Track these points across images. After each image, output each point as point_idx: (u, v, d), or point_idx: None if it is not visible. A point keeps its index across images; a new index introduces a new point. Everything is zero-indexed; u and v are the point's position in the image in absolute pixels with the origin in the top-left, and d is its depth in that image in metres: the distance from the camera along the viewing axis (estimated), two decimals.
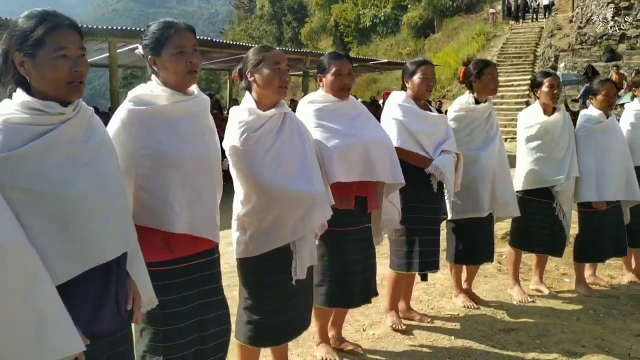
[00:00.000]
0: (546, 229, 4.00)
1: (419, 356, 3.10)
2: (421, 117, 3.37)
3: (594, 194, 3.98)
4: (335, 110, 2.89)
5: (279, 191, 2.35)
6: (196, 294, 2.10)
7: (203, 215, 2.05)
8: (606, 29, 17.53)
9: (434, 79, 3.44)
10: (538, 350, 3.18)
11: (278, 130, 2.44)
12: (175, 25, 2.02)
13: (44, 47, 1.53)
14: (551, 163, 3.92)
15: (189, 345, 2.08)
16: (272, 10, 42.43)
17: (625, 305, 3.90)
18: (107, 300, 1.65)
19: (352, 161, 2.79)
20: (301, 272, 2.45)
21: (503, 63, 20.60)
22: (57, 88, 1.56)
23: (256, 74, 2.44)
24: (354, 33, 34.15)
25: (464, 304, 3.85)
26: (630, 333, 3.42)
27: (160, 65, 2.02)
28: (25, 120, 1.52)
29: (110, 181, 1.66)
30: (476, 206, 3.60)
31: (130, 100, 2.00)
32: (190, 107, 2.07)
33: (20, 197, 1.46)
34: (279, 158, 2.39)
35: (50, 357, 1.38)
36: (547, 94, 3.91)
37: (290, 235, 2.41)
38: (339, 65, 2.88)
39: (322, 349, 3.07)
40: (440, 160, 3.29)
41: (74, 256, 1.53)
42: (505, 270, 4.65)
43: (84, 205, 1.55)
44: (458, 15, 29.38)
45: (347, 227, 2.87)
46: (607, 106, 4.06)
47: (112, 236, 1.63)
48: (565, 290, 4.24)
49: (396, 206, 3.10)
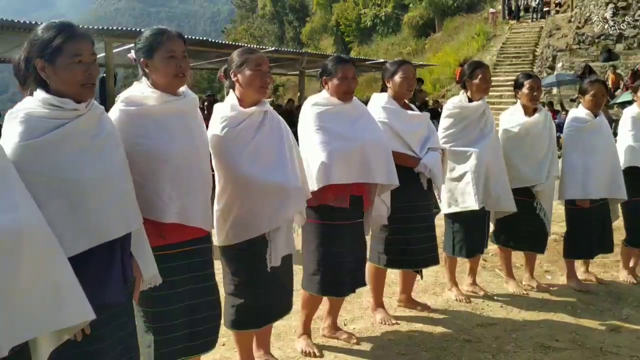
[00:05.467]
0: (528, 226, 4.10)
1: (396, 349, 3.20)
2: (405, 118, 3.49)
3: (579, 191, 4.08)
4: (338, 113, 3.04)
5: (255, 183, 2.51)
6: (187, 279, 2.28)
7: (193, 205, 2.23)
8: (604, 29, 17.57)
9: (414, 79, 3.57)
10: (513, 344, 3.28)
11: (258, 127, 2.60)
12: (168, 32, 2.24)
13: (62, 54, 1.80)
14: (531, 163, 4.03)
15: (179, 328, 2.26)
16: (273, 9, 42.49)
17: (603, 302, 3.99)
18: (113, 276, 1.89)
19: (350, 164, 2.95)
20: (275, 260, 2.60)
21: (502, 63, 20.63)
22: (73, 89, 1.82)
23: (239, 75, 2.61)
24: (355, 32, 34.18)
25: (456, 297, 3.97)
26: (605, 328, 3.51)
27: (152, 68, 2.21)
28: (44, 114, 1.78)
29: (117, 170, 1.92)
30: (470, 199, 3.75)
31: (122, 101, 2.19)
32: (178, 106, 2.25)
33: (40, 180, 1.71)
34: (257, 152, 2.55)
35: (67, 322, 1.59)
36: (527, 95, 4.03)
37: (266, 225, 2.56)
38: (345, 69, 3.04)
39: (302, 341, 3.18)
40: (428, 159, 3.43)
41: (83, 233, 1.77)
42: (489, 267, 4.76)
43: (94, 190, 1.80)
44: (459, 14, 29.36)
45: (341, 222, 3.03)
46: (595, 106, 4.15)
47: (117, 218, 1.87)
48: (547, 285, 4.33)
49: (387, 204, 3.26)
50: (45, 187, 1.71)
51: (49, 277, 1.55)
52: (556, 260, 4.90)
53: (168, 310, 2.23)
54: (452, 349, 3.20)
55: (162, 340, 2.23)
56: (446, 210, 3.90)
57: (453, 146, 3.81)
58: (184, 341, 2.28)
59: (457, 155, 3.81)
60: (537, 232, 4.13)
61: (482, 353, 3.16)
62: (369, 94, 14.56)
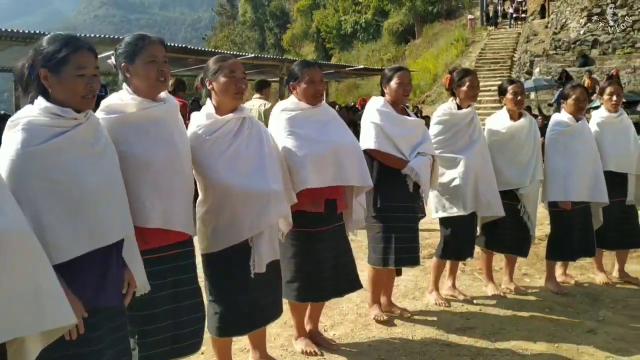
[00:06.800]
0: (512, 229, 4.15)
1: (376, 355, 3.19)
2: (398, 122, 3.57)
3: (560, 194, 4.14)
4: (308, 117, 3.04)
5: (234, 189, 2.52)
6: (170, 282, 2.31)
7: (176, 210, 2.27)
8: (579, 35, 17.89)
9: (410, 84, 3.65)
10: (492, 347, 3.30)
11: (235, 133, 2.61)
12: (149, 37, 2.27)
13: (67, 65, 1.87)
14: (516, 167, 4.09)
15: (163, 330, 2.28)
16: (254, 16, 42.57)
17: (580, 304, 4.04)
18: (110, 279, 1.95)
19: (325, 167, 2.95)
20: (259, 266, 2.59)
21: (481, 68, 20.84)
22: (74, 99, 1.89)
23: (214, 82, 2.62)
24: (336, 39, 34.35)
25: (436, 301, 4.00)
26: (582, 330, 3.55)
27: (133, 72, 2.24)
28: (45, 122, 1.84)
29: (114, 177, 2.00)
30: (459, 205, 3.81)
31: (102, 109, 2.22)
32: (158, 112, 2.27)
33: (42, 186, 1.78)
34: (235, 159, 2.55)
35: (47, 325, 1.64)
36: (512, 100, 4.10)
37: (248, 231, 2.56)
38: (311, 73, 3.04)
39: (301, 342, 3.21)
40: (415, 162, 3.48)
41: (83, 236, 1.84)
42: (468, 270, 4.79)
43: (94, 195, 1.87)
44: (438, 21, 29.68)
45: (318, 228, 3.04)
46: (577, 110, 4.22)
47: (115, 222, 1.94)
48: (525, 288, 4.38)
49: (363, 207, 3.30)
50: (47, 192, 1.78)
51: (30, 281, 1.59)
52: (534, 263, 4.96)
53: (152, 314, 2.25)
54: (432, 354, 3.21)
55: (147, 343, 2.25)
56: (435, 215, 3.96)
57: (442, 152, 3.86)
58: (168, 344, 2.31)
59: (447, 161, 3.86)
60: (520, 235, 4.18)
61: (461, 357, 3.17)
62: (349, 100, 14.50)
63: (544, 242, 4.92)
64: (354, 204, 3.23)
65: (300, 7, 37.78)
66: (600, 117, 4.46)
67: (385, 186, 3.36)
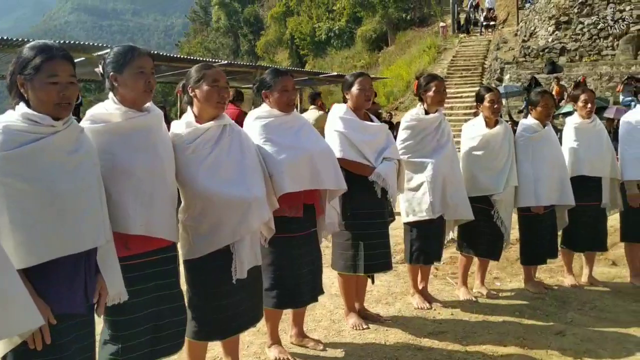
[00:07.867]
0: (487, 233, 4.22)
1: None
2: (361, 128, 3.60)
3: (532, 199, 4.23)
4: (281, 124, 3.07)
5: (215, 197, 2.54)
6: (152, 287, 2.34)
7: (159, 217, 2.31)
8: (547, 43, 18.28)
9: (371, 89, 3.69)
10: (464, 350, 3.33)
11: (216, 141, 2.64)
12: (139, 49, 2.35)
13: (39, 73, 1.90)
14: (491, 173, 4.16)
15: (144, 333, 2.32)
16: (228, 23, 42.47)
17: (549, 306, 4.11)
18: (77, 287, 1.96)
19: (301, 172, 2.99)
20: (241, 272, 2.62)
21: (453, 75, 21.13)
22: (47, 107, 1.91)
23: (197, 90, 2.65)
24: (310, 46, 34.46)
25: (417, 305, 4.03)
26: (551, 332, 3.61)
27: (121, 82, 2.29)
28: (22, 128, 1.87)
29: (91, 187, 2.00)
30: (427, 208, 3.84)
31: (87, 119, 2.27)
32: (143, 122, 2.32)
33: (15, 189, 1.80)
34: (216, 166, 2.58)
35: (15, 329, 1.67)
36: (489, 108, 4.18)
37: (229, 237, 2.59)
38: (284, 81, 3.08)
39: (274, 349, 3.21)
40: (381, 168, 3.52)
41: (52, 242, 1.85)
42: (440, 275, 4.83)
43: (65, 202, 1.88)
44: (411, 28, 30.00)
45: (295, 233, 3.07)
46: (545, 116, 4.33)
47: (86, 231, 1.94)
48: (496, 292, 4.44)
49: (337, 210, 3.34)
50: (18, 196, 1.80)
51: None
52: (505, 267, 5.04)
53: (134, 318, 2.28)
54: (404, 358, 3.23)
55: (128, 347, 2.27)
56: (405, 219, 4.00)
57: (411, 157, 3.90)
58: (148, 346, 2.34)
59: (415, 165, 3.90)
60: (494, 239, 4.25)
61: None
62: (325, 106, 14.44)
63: (515, 245, 5.01)
64: (328, 208, 3.27)
65: (274, 14, 37.82)
66: (574, 124, 4.56)
67: (353, 193, 3.37)
